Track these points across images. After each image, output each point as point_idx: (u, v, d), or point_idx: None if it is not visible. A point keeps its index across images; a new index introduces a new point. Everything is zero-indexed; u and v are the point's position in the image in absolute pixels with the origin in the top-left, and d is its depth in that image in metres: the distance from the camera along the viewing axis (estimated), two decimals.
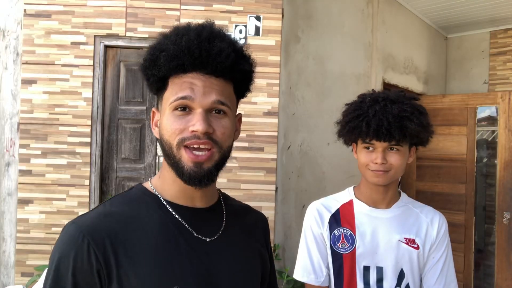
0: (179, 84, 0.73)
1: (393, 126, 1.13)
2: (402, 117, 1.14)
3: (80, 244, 0.68)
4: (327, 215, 1.27)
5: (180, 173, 0.72)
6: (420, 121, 1.16)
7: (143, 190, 0.79)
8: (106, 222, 0.71)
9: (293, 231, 2.73)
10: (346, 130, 1.23)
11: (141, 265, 0.70)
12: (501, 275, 3.46)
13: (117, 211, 0.74)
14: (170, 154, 0.73)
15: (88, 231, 0.69)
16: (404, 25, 3.81)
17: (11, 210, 2.50)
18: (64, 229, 0.72)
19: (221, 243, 0.79)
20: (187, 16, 2.49)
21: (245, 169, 2.50)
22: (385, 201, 1.25)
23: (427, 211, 1.29)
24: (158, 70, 0.74)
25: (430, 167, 3.80)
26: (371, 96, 1.22)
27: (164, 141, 0.74)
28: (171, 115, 0.73)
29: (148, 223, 0.74)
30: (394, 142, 1.15)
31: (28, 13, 2.44)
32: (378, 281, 1.20)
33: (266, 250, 0.91)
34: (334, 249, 1.24)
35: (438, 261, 1.23)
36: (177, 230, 0.75)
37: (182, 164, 0.72)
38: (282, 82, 2.63)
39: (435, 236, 1.24)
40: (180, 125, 0.71)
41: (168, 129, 0.72)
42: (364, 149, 1.20)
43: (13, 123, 2.52)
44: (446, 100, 3.77)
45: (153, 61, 0.74)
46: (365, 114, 1.17)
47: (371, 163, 1.18)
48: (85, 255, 0.68)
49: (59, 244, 0.70)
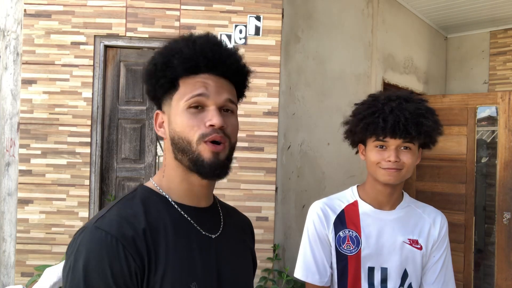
0: (193, 84, 0.77)
1: (410, 122, 1.13)
2: (418, 114, 1.15)
3: (116, 249, 0.68)
4: (332, 216, 1.26)
5: (201, 166, 0.75)
6: (435, 119, 1.18)
7: (149, 190, 0.81)
8: (131, 225, 0.72)
9: (293, 231, 2.73)
10: (360, 127, 1.21)
11: (162, 263, 0.72)
12: (501, 275, 3.46)
13: (134, 213, 0.75)
14: (188, 150, 0.75)
15: (119, 234, 0.69)
16: (404, 25, 3.81)
17: (11, 210, 2.50)
18: (85, 234, 0.70)
19: (223, 239, 0.84)
20: (187, 16, 2.49)
21: (245, 169, 2.50)
22: (390, 203, 1.25)
23: (429, 211, 1.29)
24: (171, 72, 0.77)
25: (430, 167, 3.80)
26: (384, 95, 1.22)
27: (180, 139, 0.76)
28: (186, 112, 0.76)
29: (161, 222, 0.76)
30: (408, 140, 1.15)
31: (28, 13, 2.44)
32: (382, 281, 1.21)
33: (253, 247, 0.99)
34: (339, 250, 1.23)
35: (438, 260, 1.24)
36: (187, 228, 0.79)
37: (202, 157, 0.75)
38: (282, 82, 2.63)
39: (437, 235, 1.25)
40: (195, 121, 0.75)
41: (185, 126, 0.76)
42: (375, 148, 1.19)
43: (13, 123, 2.52)
44: (446, 100, 3.77)
45: (165, 63, 0.78)
46: (381, 111, 1.17)
47: (383, 161, 1.17)
48: (123, 259, 0.68)
49: (86, 252, 0.68)
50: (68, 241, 2.39)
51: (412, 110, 1.15)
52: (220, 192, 2.45)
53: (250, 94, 2.49)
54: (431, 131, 1.17)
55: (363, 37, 3.28)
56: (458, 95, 3.79)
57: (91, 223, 0.72)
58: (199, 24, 2.49)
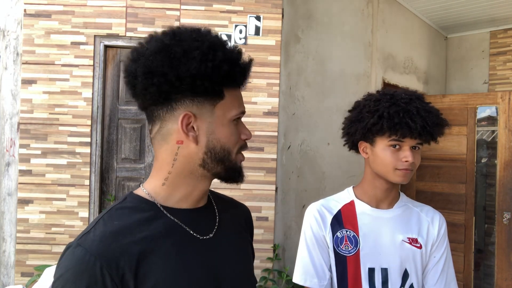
0: (238, 98, 0.81)
1: (434, 124, 1.14)
2: (438, 116, 1.16)
3: (92, 268, 0.66)
4: (328, 216, 1.24)
5: (237, 174, 0.82)
6: (444, 118, 1.19)
7: (138, 198, 0.78)
8: (116, 240, 0.70)
9: (293, 231, 2.73)
10: (379, 124, 1.14)
11: (155, 274, 0.70)
12: (501, 275, 3.46)
13: (121, 225, 0.73)
14: (227, 159, 0.79)
15: (98, 253, 0.67)
16: (404, 25, 3.81)
17: (11, 210, 2.50)
18: (68, 252, 0.69)
19: (219, 237, 0.83)
20: (187, 16, 2.49)
21: (245, 169, 2.48)
22: (388, 201, 1.24)
23: (427, 210, 1.28)
24: (219, 79, 0.75)
25: (430, 167, 3.79)
26: (384, 93, 1.21)
27: (221, 147, 0.78)
28: (231, 124, 0.79)
29: (151, 232, 0.74)
30: (424, 140, 1.16)
31: (28, 13, 2.44)
32: (383, 283, 1.18)
33: (251, 237, 0.99)
34: (337, 251, 1.20)
35: (439, 260, 1.23)
36: (180, 234, 0.77)
37: (238, 166, 0.82)
38: (282, 82, 2.63)
39: (436, 235, 1.24)
40: (237, 134, 0.81)
41: (230, 137, 0.79)
42: (390, 148, 1.15)
43: (13, 123, 2.52)
44: (446, 100, 3.77)
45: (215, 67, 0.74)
46: (405, 110, 1.13)
47: (399, 162, 1.14)
48: (99, 280, 0.66)
49: (65, 270, 0.67)
50: (68, 241, 2.39)
51: (435, 111, 1.16)
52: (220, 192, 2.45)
53: (250, 94, 2.49)
54: (444, 131, 1.19)
55: (363, 37, 3.28)
56: (458, 95, 3.79)
57: (77, 238, 0.71)
58: (199, 24, 2.48)
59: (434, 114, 1.15)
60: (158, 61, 0.72)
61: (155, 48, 0.73)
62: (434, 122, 1.13)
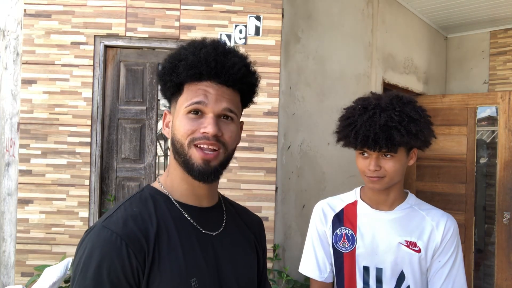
0: (194, 91, 0.82)
1: (380, 136, 1.11)
2: (389, 126, 1.11)
3: (119, 247, 0.73)
4: (331, 214, 1.31)
5: (190, 170, 0.81)
6: (409, 129, 1.12)
7: (154, 190, 0.86)
8: (137, 223, 0.77)
9: (293, 231, 2.73)
10: (338, 139, 1.26)
11: (163, 259, 0.77)
12: (501, 275, 3.46)
13: (140, 212, 0.80)
14: (181, 152, 0.81)
15: (123, 233, 0.74)
16: (404, 25, 3.81)
17: (11, 210, 2.50)
18: (92, 233, 0.76)
19: (223, 237, 0.88)
20: (187, 16, 2.49)
21: (245, 169, 2.50)
22: (387, 203, 1.25)
23: (434, 213, 1.25)
24: (176, 77, 0.83)
25: (430, 167, 3.80)
26: (362, 104, 1.20)
27: (176, 140, 0.82)
28: (185, 117, 0.81)
29: (164, 220, 0.81)
30: (385, 150, 1.13)
31: (28, 13, 2.44)
32: (378, 281, 1.21)
33: (260, 245, 1.01)
34: (335, 247, 1.28)
35: (444, 265, 1.20)
36: (187, 227, 0.83)
37: (192, 161, 0.80)
38: (282, 82, 2.63)
39: (439, 240, 1.20)
40: (192, 126, 0.80)
41: (180, 129, 0.81)
42: (360, 155, 1.21)
43: (13, 123, 2.52)
44: (446, 100, 3.77)
45: (172, 68, 0.83)
46: (354, 124, 1.18)
47: (366, 170, 1.18)
48: (126, 257, 0.73)
49: (92, 249, 0.73)
50: (68, 241, 2.40)
51: (383, 122, 1.11)
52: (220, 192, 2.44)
53: None
54: (406, 142, 1.13)
55: (363, 37, 3.28)
56: (458, 95, 3.79)
57: (100, 221, 0.78)
58: (199, 24, 2.50)
59: (381, 126, 1.11)
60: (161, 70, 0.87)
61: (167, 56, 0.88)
62: (377, 134, 1.11)
